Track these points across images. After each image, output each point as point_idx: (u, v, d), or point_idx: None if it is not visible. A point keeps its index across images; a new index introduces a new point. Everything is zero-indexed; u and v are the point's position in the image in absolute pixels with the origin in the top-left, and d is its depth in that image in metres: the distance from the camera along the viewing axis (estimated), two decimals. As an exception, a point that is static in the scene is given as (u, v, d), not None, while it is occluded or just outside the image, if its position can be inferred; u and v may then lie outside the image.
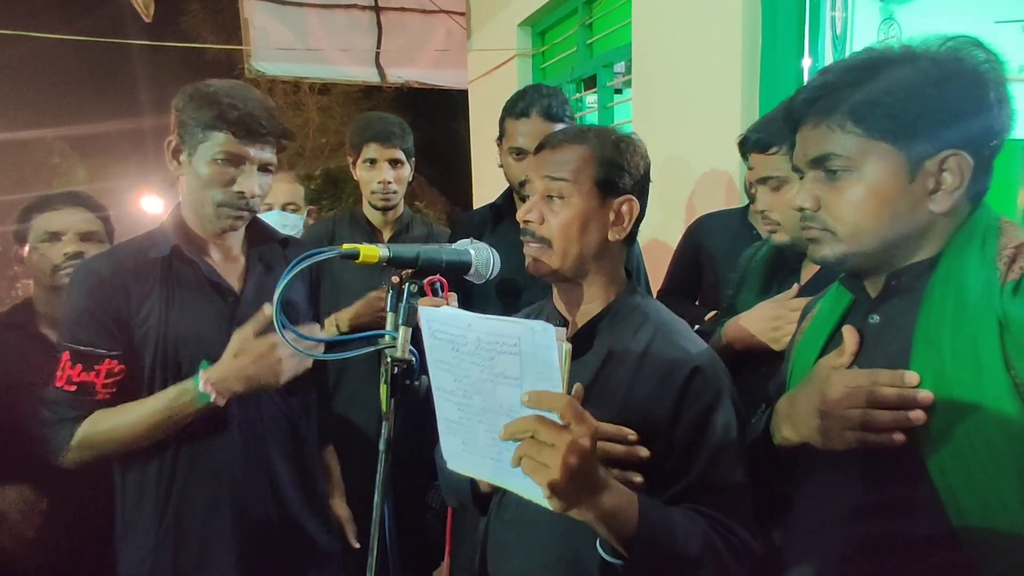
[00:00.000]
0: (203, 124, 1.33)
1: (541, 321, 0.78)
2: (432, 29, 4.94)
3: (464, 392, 0.89)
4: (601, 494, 0.83)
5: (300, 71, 4.85)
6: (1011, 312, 0.77)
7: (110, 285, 1.33)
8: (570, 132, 1.13)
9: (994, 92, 0.83)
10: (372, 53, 4.83)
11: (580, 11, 3.48)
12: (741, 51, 2.23)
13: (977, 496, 0.78)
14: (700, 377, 1.01)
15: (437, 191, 10.01)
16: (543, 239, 1.09)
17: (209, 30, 9.42)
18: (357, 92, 9.05)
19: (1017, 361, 0.76)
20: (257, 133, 1.36)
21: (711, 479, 0.98)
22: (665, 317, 1.12)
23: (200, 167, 1.35)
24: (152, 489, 1.36)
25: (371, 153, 2.11)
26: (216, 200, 1.36)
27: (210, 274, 1.41)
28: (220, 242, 1.45)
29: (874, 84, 0.84)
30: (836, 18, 2.27)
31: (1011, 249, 0.82)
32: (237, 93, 1.36)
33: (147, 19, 4.15)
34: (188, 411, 1.29)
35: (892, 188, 0.85)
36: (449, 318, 0.87)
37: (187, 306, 1.37)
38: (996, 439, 0.76)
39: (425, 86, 5.08)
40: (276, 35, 4.59)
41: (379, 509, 0.94)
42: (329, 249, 0.94)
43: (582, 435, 0.77)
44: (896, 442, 0.83)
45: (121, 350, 1.32)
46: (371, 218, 2.19)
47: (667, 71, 2.66)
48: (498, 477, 0.92)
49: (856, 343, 0.92)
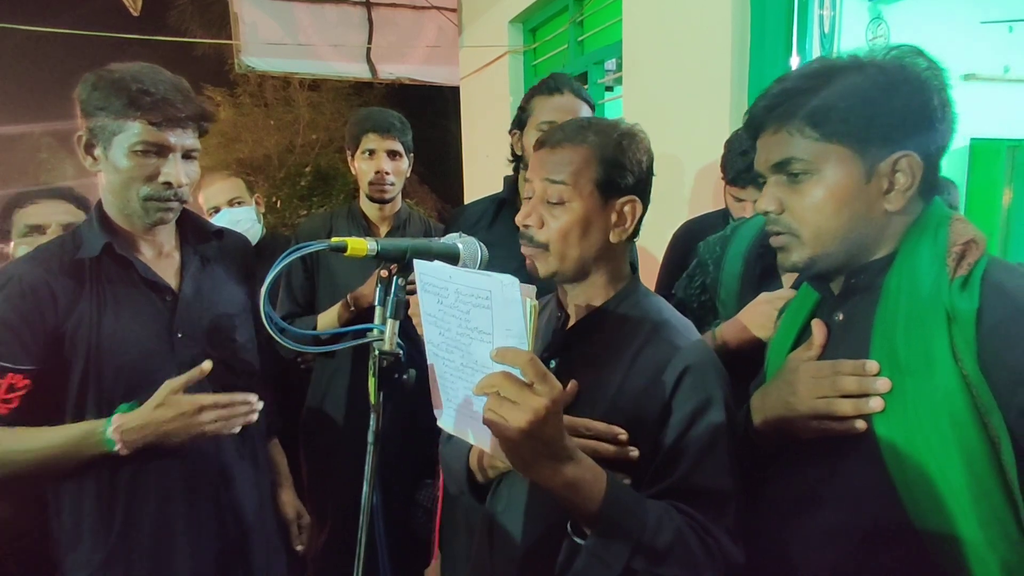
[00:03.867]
0: (114, 114, 1.23)
1: (509, 275, 0.79)
2: (423, 25, 4.92)
3: (447, 347, 0.91)
4: (564, 463, 0.83)
5: (290, 67, 4.82)
6: (958, 306, 0.81)
7: (34, 293, 1.23)
8: (570, 129, 1.08)
9: (937, 97, 0.88)
10: (363, 49, 4.81)
11: (571, 8, 3.48)
12: (730, 48, 2.24)
13: (928, 486, 0.80)
14: (691, 376, 0.99)
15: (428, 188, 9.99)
16: (541, 244, 1.06)
17: (197, 25, 9.34)
18: (348, 88, 9.00)
19: (964, 354, 0.79)
20: (175, 118, 1.26)
21: (695, 481, 0.95)
22: (666, 315, 1.09)
23: (119, 160, 1.25)
24: (93, 499, 1.28)
25: (370, 144, 2.10)
26: (142, 194, 1.28)
27: (145, 272, 1.32)
28: (151, 238, 1.37)
29: (828, 90, 0.88)
30: (824, 17, 2.28)
31: (960, 246, 0.85)
32: (146, 76, 1.26)
33: (135, 13, 4.12)
34: (87, 453, 1.21)
35: (850, 189, 0.89)
36: (435, 270, 0.89)
37: (121, 308, 1.29)
38: (945, 429, 0.79)
39: (416, 82, 5.07)
40: (266, 30, 4.57)
41: (368, 500, 0.94)
42: (317, 242, 0.94)
43: (544, 394, 0.78)
44: (858, 429, 0.87)
45: (32, 364, 1.22)
46: (368, 213, 2.18)
47: (657, 68, 2.67)
48: (477, 437, 0.93)
49: (824, 336, 0.96)
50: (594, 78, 3.33)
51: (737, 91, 2.25)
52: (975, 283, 0.82)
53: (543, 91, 1.82)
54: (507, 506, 1.10)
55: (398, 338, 0.97)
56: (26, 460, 1.20)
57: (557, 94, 1.79)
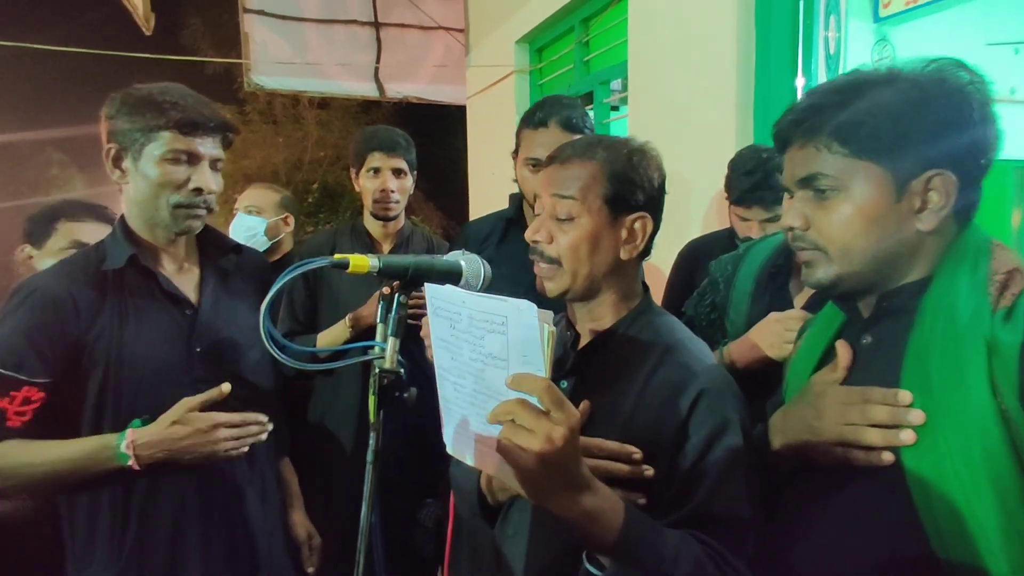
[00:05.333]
0: (144, 125, 1.26)
1: (526, 301, 0.77)
2: (431, 45, 4.98)
3: (459, 372, 0.88)
4: (581, 492, 0.80)
5: (299, 85, 4.88)
6: (1001, 338, 0.77)
7: (55, 304, 1.24)
8: (579, 146, 1.07)
9: (978, 111, 0.84)
10: (371, 68, 4.86)
11: (577, 29, 3.51)
12: (736, 69, 2.25)
13: (956, 519, 0.76)
14: (707, 400, 0.96)
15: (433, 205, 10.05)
16: (552, 259, 1.04)
17: (208, 44, 9.49)
18: (356, 107, 9.11)
19: (1004, 387, 0.76)
20: (204, 127, 1.29)
21: (713, 508, 0.92)
22: (679, 336, 1.06)
23: (149, 170, 1.27)
24: (107, 519, 1.27)
25: (375, 162, 2.11)
26: (172, 202, 1.29)
27: (167, 286, 1.34)
28: (173, 251, 1.38)
29: (858, 105, 0.85)
30: (829, 38, 2.29)
31: (1003, 275, 0.82)
32: (173, 92, 1.29)
33: (147, 32, 4.18)
34: (100, 467, 1.22)
35: (879, 207, 0.85)
36: (447, 294, 0.87)
37: (142, 321, 1.30)
38: (978, 463, 0.76)
39: (423, 101, 5.12)
40: (276, 49, 4.63)
41: (366, 520, 0.93)
42: (320, 259, 0.94)
43: (561, 422, 0.75)
44: (884, 462, 0.83)
45: (49, 377, 1.22)
46: (372, 230, 2.19)
47: (662, 89, 2.68)
48: (479, 459, 0.91)
49: (849, 358, 0.92)
50: (600, 98, 3.35)
51: (742, 112, 2.26)
52: (1020, 315, 0.78)
53: (529, 124, 1.78)
54: (517, 531, 1.08)
55: (399, 356, 0.96)
56: (40, 472, 1.21)
57: (542, 128, 1.74)
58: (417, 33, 4.92)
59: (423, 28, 4.90)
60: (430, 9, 4.87)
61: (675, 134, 2.57)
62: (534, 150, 1.73)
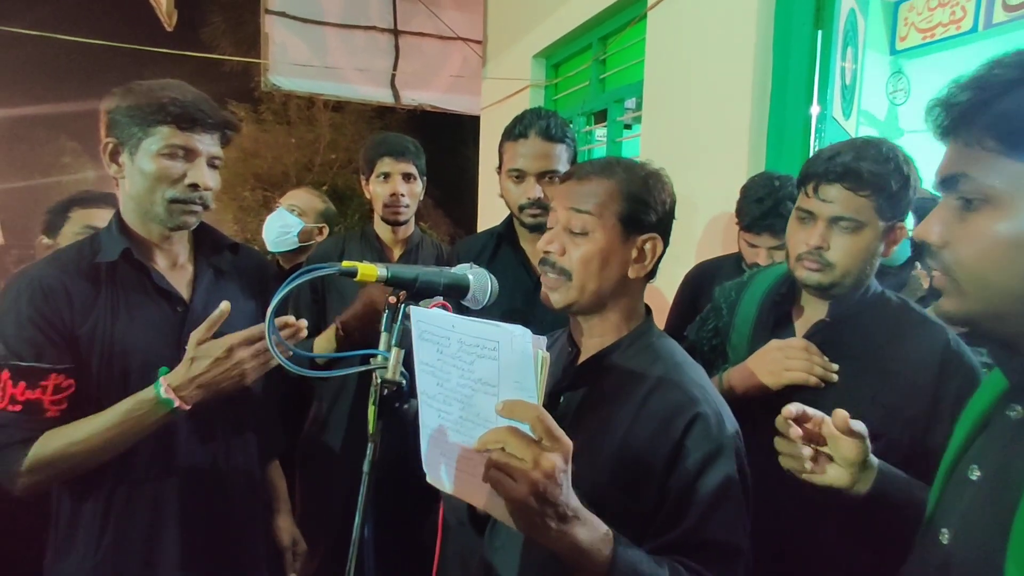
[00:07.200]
0: (142, 120, 1.26)
1: (520, 326, 0.76)
2: (449, 55, 5.02)
3: (444, 398, 0.87)
4: (571, 523, 0.79)
5: (315, 87, 4.91)
6: None
7: (53, 293, 1.24)
8: (598, 165, 1.10)
9: None
10: (388, 74, 4.90)
11: (594, 47, 3.53)
12: (751, 95, 2.26)
13: None
14: (702, 424, 0.96)
15: (442, 213, 10.06)
16: (563, 271, 1.06)
17: (229, 42, 9.55)
18: (370, 112, 9.13)
19: None
20: (203, 123, 1.29)
21: (704, 534, 0.92)
22: (678, 359, 1.07)
23: (145, 164, 1.27)
24: (90, 509, 1.27)
25: (385, 167, 2.13)
26: (168, 196, 1.29)
27: (159, 281, 1.33)
28: (167, 247, 1.37)
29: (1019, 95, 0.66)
30: (846, 69, 2.30)
31: None
32: (174, 87, 1.29)
33: (169, 28, 4.22)
34: (148, 420, 1.21)
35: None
36: (436, 318, 0.86)
37: (134, 315, 1.29)
38: None
39: (438, 110, 5.16)
40: (294, 51, 4.67)
41: (359, 532, 0.92)
42: (328, 265, 0.94)
43: (552, 451, 0.74)
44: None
45: (69, 363, 1.22)
46: (382, 235, 2.19)
47: (677, 111, 2.69)
48: (460, 489, 0.89)
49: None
50: (614, 115, 3.36)
51: (755, 138, 2.26)
52: None
53: (510, 137, 1.80)
54: (504, 542, 1.08)
55: (402, 367, 0.96)
56: (85, 449, 1.20)
57: (522, 139, 1.76)
58: (435, 42, 4.96)
59: (442, 38, 4.94)
60: (449, 19, 4.91)
61: (687, 156, 2.57)
62: (516, 161, 1.77)
